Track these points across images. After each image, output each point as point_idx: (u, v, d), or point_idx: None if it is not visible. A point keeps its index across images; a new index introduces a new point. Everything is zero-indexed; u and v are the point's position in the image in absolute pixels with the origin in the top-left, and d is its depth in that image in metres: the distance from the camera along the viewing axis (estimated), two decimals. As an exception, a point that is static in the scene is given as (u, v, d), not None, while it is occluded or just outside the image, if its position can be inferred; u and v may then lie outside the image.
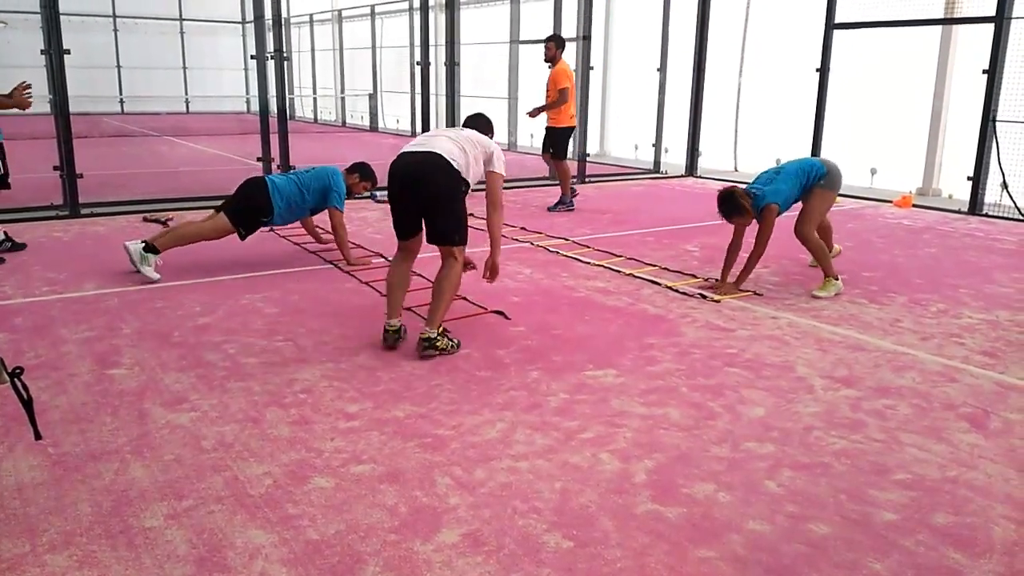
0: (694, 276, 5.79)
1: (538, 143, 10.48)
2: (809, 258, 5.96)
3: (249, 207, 5.73)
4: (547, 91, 8.82)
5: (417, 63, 10.19)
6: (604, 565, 2.37)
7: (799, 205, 5.46)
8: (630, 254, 6.48)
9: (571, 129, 9.06)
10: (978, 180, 8.65)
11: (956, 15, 9.31)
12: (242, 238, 5.78)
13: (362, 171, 6.24)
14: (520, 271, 5.88)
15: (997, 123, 8.38)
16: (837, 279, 5.41)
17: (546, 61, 8.79)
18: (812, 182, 5.35)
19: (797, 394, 3.69)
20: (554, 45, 8.66)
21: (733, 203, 5.23)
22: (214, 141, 16.25)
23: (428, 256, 4.56)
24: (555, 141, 8.85)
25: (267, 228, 6.25)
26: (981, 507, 2.73)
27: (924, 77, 10.04)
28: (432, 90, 10.55)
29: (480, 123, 4.71)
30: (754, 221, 5.33)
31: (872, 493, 2.81)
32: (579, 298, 5.22)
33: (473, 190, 4.31)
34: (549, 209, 8.62)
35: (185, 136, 17.25)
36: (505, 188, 8.74)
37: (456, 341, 4.16)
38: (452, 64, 10.11)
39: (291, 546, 2.44)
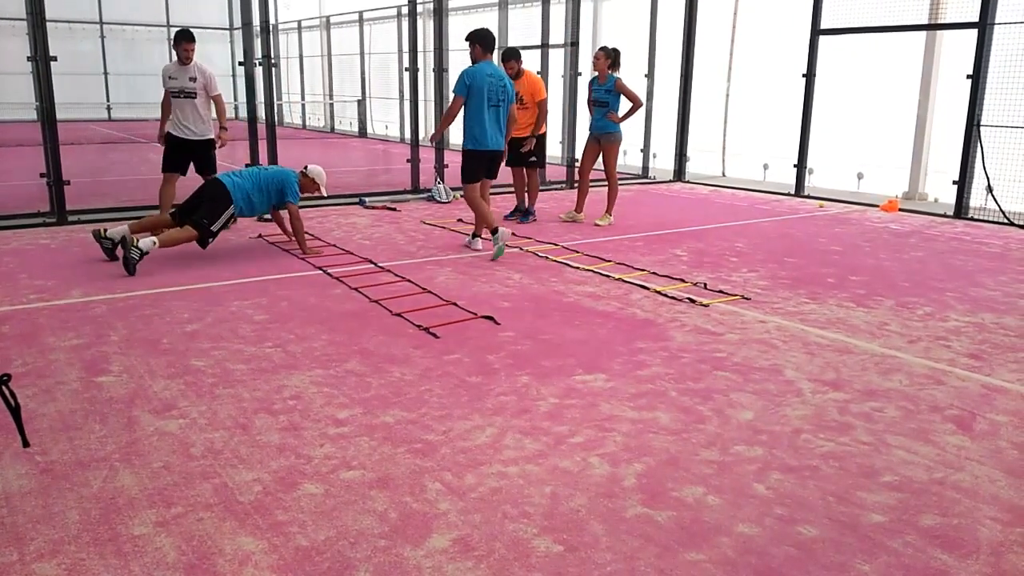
0: (683, 281, 5.82)
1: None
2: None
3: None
4: (522, 102, 8.04)
5: (406, 69, 10.21)
6: (594, 569, 2.38)
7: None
8: (619, 259, 6.50)
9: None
10: (963, 184, 8.73)
11: (940, 21, 9.40)
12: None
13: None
14: (510, 276, 5.89)
15: (981, 127, 8.47)
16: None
17: (513, 78, 7.79)
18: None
19: (785, 397, 3.71)
20: (516, 62, 7.96)
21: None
22: (202, 148, 16.17)
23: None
24: (541, 150, 8.41)
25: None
26: (968, 508, 2.75)
27: (909, 82, 10.13)
28: (420, 96, 10.56)
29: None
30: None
31: (860, 495, 2.83)
32: (568, 303, 5.23)
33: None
34: (520, 220, 8.29)
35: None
36: (499, 193, 8.76)
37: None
38: (440, 70, 10.12)
39: (281, 553, 2.43)
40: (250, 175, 6.43)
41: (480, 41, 6.63)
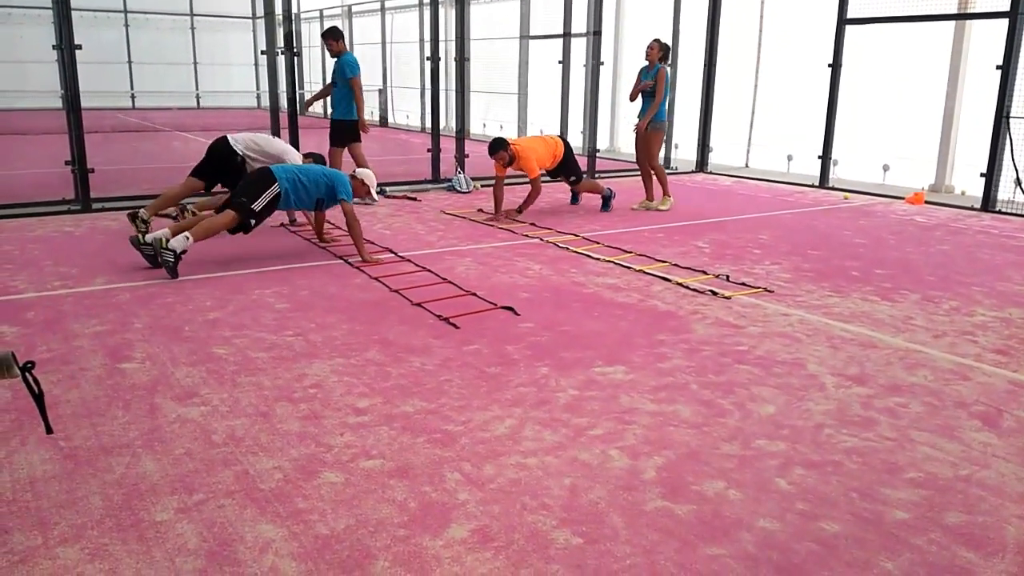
0: (704, 273, 5.77)
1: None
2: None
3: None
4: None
5: (427, 58, 10.19)
6: (613, 562, 2.37)
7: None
8: (640, 250, 6.47)
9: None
10: (991, 177, 8.59)
11: (970, 10, 9.23)
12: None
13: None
14: (530, 267, 5.87)
15: (1011, 119, 8.32)
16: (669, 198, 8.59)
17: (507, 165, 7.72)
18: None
19: (808, 391, 3.67)
20: (504, 152, 7.58)
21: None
22: (225, 136, 16.25)
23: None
24: (571, 165, 8.31)
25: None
26: (994, 506, 2.71)
27: (937, 73, 9.97)
28: (442, 85, 10.54)
29: None
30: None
31: (883, 491, 2.80)
32: (589, 294, 5.21)
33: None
34: (603, 209, 8.45)
35: (196, 131, 17.29)
36: (512, 183, 8.75)
37: None
38: (462, 59, 10.10)
39: (301, 540, 2.44)
40: (295, 166, 6.04)
41: (340, 36, 8.31)
